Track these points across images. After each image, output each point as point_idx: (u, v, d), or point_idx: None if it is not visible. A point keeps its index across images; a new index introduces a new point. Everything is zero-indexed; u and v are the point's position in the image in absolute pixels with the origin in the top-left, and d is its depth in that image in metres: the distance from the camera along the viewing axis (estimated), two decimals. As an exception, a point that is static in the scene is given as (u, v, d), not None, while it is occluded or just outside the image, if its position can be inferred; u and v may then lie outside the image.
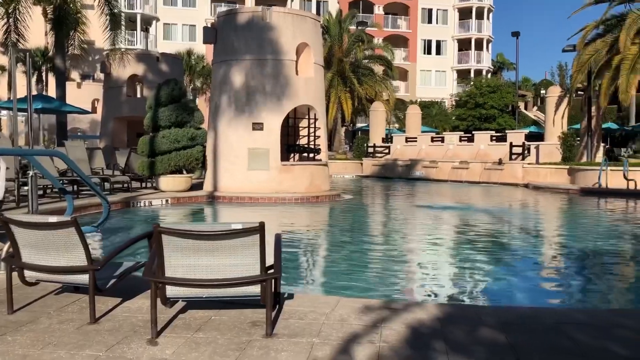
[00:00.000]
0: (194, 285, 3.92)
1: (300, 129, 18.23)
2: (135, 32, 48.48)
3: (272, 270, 4.04)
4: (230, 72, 16.32)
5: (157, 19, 50.66)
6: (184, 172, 16.24)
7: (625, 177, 19.53)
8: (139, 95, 26.74)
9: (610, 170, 20.37)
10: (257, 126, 16.07)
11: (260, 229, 3.78)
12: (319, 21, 18.34)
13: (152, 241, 4.11)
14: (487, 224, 12.49)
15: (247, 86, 16.14)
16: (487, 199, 19.41)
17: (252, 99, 16.10)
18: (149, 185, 17.00)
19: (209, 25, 22.30)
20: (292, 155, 18.07)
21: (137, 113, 22.13)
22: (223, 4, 51.44)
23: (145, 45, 48.60)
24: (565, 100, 25.94)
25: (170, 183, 15.85)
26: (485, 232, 11.16)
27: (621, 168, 20.01)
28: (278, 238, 4.41)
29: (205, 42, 17.65)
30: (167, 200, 14.45)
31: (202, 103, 41.32)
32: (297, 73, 16.51)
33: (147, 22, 50.40)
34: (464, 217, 13.98)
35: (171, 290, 3.98)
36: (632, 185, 19.26)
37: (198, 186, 16.95)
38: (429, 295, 6.23)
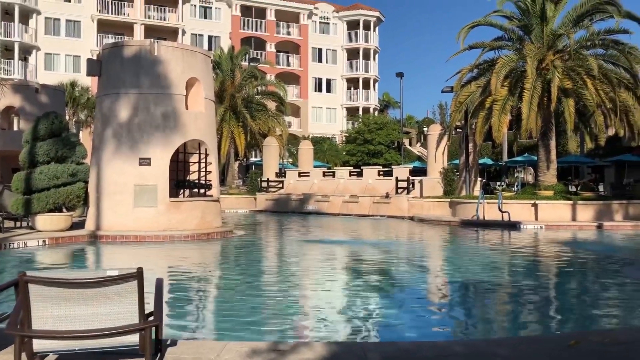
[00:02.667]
0: (66, 338, 3.65)
1: (191, 164, 17.87)
2: (12, 61, 45.50)
3: (152, 318, 3.86)
4: (116, 106, 15.74)
5: (38, 49, 47.96)
6: (64, 210, 15.26)
7: (499, 210, 21.03)
8: (15, 128, 24.99)
9: (487, 203, 21.87)
10: (144, 161, 15.53)
11: (138, 275, 3.62)
12: (210, 57, 18.29)
13: (18, 291, 3.78)
14: (375, 257, 12.84)
15: (134, 120, 15.62)
16: (376, 232, 20.02)
17: (139, 134, 15.59)
18: (24, 224, 15.78)
19: (94, 57, 21.44)
20: (181, 191, 17.62)
21: (12, 147, 20.65)
22: (110, 35, 49.86)
23: (24, 75, 45.70)
24: (445, 138, 27.64)
25: (48, 222, 14.81)
26: (373, 265, 11.45)
27: (496, 201, 21.53)
28: (159, 283, 4.24)
29: (88, 74, 16.94)
30: (44, 241, 13.46)
31: (86, 136, 39.33)
32: (187, 107, 16.26)
33: (26, 51, 47.53)
34: (353, 251, 14.29)
35: (39, 344, 3.68)
36: (506, 217, 20.77)
37: (80, 225, 15.98)
38: (318, 334, 6.24)
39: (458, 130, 31.26)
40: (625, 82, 23.00)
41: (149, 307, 3.82)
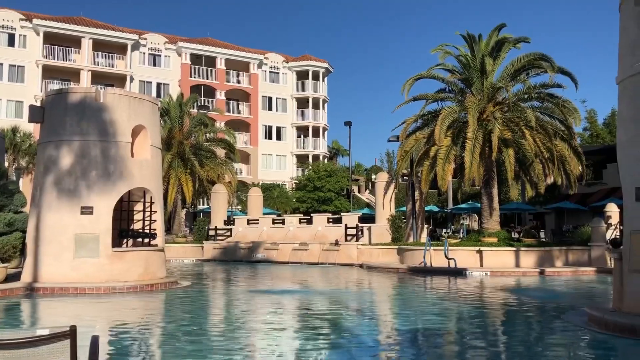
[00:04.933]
0: (-12, 404, 3.42)
1: (135, 212, 17.45)
2: (-52, 105, 43.96)
3: (84, 379, 3.67)
4: (58, 153, 15.32)
5: (-22, 93, 46.57)
6: (-2, 261, 14.53)
7: (446, 256, 21.35)
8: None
9: (434, 249, 22.19)
10: (86, 210, 15.07)
11: (71, 334, 3.46)
12: (157, 104, 18.18)
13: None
14: (324, 307, 12.72)
15: (77, 168, 15.22)
16: (325, 280, 19.90)
17: (82, 182, 15.17)
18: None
19: (38, 102, 20.96)
20: (125, 240, 17.11)
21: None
22: (56, 81, 49.00)
23: (-39, 119, 44.10)
24: (393, 185, 28.14)
25: (-21, 275, 14.03)
26: (322, 316, 11.33)
27: (442, 248, 21.88)
28: (94, 341, 4.06)
29: (30, 121, 16.50)
30: (-26, 295, 12.71)
31: (27, 183, 37.98)
32: (132, 155, 16.00)
33: (-36, 95, 46.08)
34: (301, 301, 14.12)
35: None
36: (452, 264, 21.08)
37: (16, 277, 15.20)
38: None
39: (405, 178, 31.91)
40: (561, 133, 24.20)
41: (82, 368, 3.64)
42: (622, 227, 9.92)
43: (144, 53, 54.31)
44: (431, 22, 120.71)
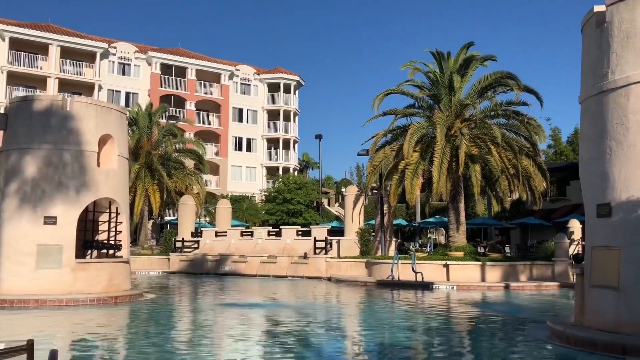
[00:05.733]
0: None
1: (100, 223, 17.12)
2: None
3: (42, 395, 3.57)
4: (22, 161, 14.97)
5: (-62, 98, 45.28)
6: (-45, 272, 14.05)
7: (413, 270, 21.51)
8: None
9: (401, 263, 22.33)
10: (49, 220, 14.73)
11: (28, 348, 3.37)
12: (126, 113, 17.95)
13: None
14: (292, 321, 12.66)
15: (40, 177, 14.88)
16: (293, 293, 19.81)
17: (45, 191, 14.83)
18: None
19: (1, 110, 20.48)
20: (89, 251, 16.76)
21: None
22: (21, 87, 48.00)
23: None
24: (362, 199, 28.28)
25: None
26: (290, 330, 11.27)
27: (410, 261, 22.04)
28: (52, 355, 3.96)
29: (-7, 128, 16.07)
30: None
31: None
32: (98, 165, 15.74)
33: None
34: (269, 314, 14.02)
35: None
36: (419, 278, 21.23)
37: (-28, 289, 14.70)
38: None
39: (374, 191, 32.13)
40: (526, 150, 24.73)
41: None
42: (584, 243, 10.18)
43: (114, 62, 53.67)
44: (402, 38, 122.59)
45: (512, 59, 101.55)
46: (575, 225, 25.51)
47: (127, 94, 53.80)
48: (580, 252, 23.93)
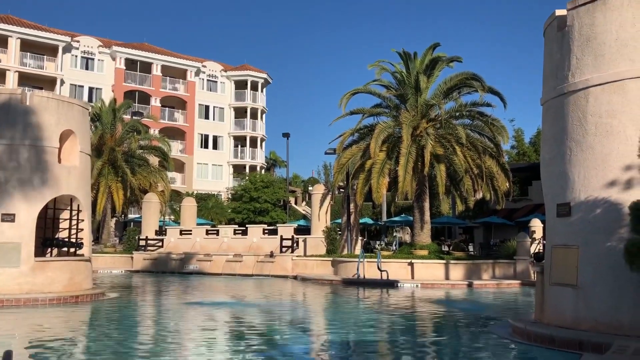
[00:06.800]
0: None
1: (61, 220, 16.71)
2: None
3: (-5, 397, 3.46)
4: (-22, 157, 14.48)
5: None
6: None
7: (379, 268, 21.67)
8: None
9: (367, 261, 22.47)
10: (7, 217, 14.30)
11: (-19, 349, 3.25)
12: (88, 109, 17.56)
13: None
14: (256, 320, 12.60)
15: (-2, 173, 14.42)
16: (258, 292, 19.72)
17: (3, 187, 14.39)
18: None
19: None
20: (49, 250, 16.35)
21: None
22: (-22, 80, 46.49)
23: None
24: (329, 197, 28.34)
25: None
26: (255, 329, 11.21)
27: (375, 260, 22.19)
28: (7, 356, 3.84)
29: (-53, 121, 15.50)
30: None
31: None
32: (59, 161, 15.36)
33: None
34: (234, 313, 13.92)
35: None
36: (384, 276, 21.40)
37: None
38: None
39: (341, 190, 32.28)
40: (490, 150, 25.17)
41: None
42: (545, 242, 10.41)
43: (76, 56, 52.44)
44: (370, 38, 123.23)
45: (477, 60, 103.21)
46: (536, 224, 26.09)
47: (91, 89, 52.65)
48: (541, 251, 24.51)
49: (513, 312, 14.04)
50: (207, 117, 59.01)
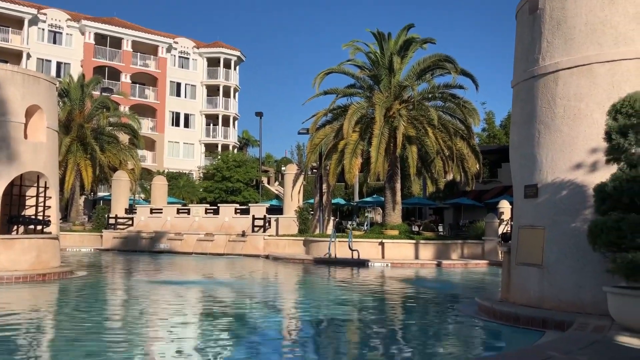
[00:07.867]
0: None
1: (28, 197, 16.37)
2: None
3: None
4: (-61, 131, 14.04)
5: None
6: None
7: (350, 248, 21.84)
8: None
9: (339, 241, 22.62)
10: (-29, 195, 13.95)
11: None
12: (56, 84, 17.13)
13: None
14: (227, 298, 12.61)
15: (-40, 148, 14.02)
16: (229, 271, 19.72)
17: (-34, 164, 14.01)
18: None
19: None
20: (15, 227, 16.02)
21: None
22: (-61, 52, 44.86)
23: None
24: (302, 177, 28.35)
25: None
26: (225, 307, 11.22)
27: (347, 239, 22.35)
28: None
29: None
30: None
31: None
32: (25, 137, 15.00)
33: None
34: (204, 292, 13.90)
35: None
36: (355, 255, 21.59)
37: None
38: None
39: (314, 170, 32.26)
40: (461, 132, 25.43)
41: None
42: (512, 223, 10.62)
43: (43, 29, 50.98)
44: (345, 17, 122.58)
45: (451, 44, 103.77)
46: (505, 206, 26.55)
47: (59, 63, 51.34)
48: (508, 231, 25.02)
49: (480, 291, 14.33)
50: (178, 94, 58.20)
